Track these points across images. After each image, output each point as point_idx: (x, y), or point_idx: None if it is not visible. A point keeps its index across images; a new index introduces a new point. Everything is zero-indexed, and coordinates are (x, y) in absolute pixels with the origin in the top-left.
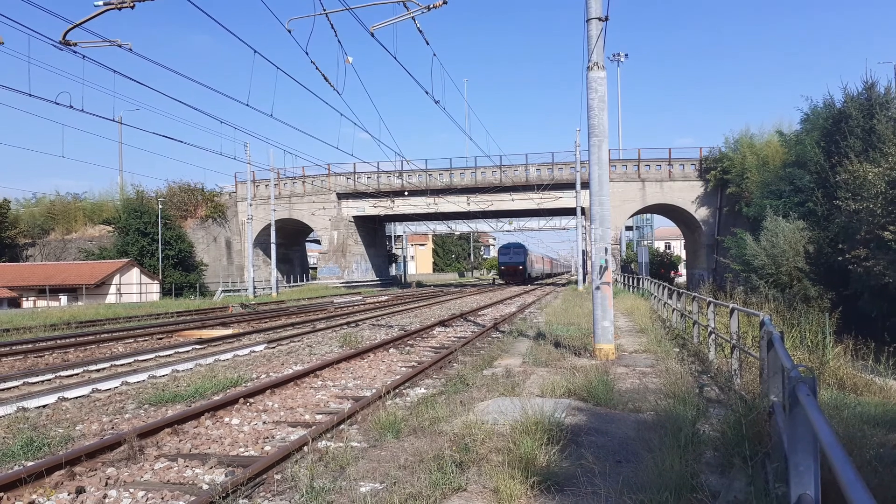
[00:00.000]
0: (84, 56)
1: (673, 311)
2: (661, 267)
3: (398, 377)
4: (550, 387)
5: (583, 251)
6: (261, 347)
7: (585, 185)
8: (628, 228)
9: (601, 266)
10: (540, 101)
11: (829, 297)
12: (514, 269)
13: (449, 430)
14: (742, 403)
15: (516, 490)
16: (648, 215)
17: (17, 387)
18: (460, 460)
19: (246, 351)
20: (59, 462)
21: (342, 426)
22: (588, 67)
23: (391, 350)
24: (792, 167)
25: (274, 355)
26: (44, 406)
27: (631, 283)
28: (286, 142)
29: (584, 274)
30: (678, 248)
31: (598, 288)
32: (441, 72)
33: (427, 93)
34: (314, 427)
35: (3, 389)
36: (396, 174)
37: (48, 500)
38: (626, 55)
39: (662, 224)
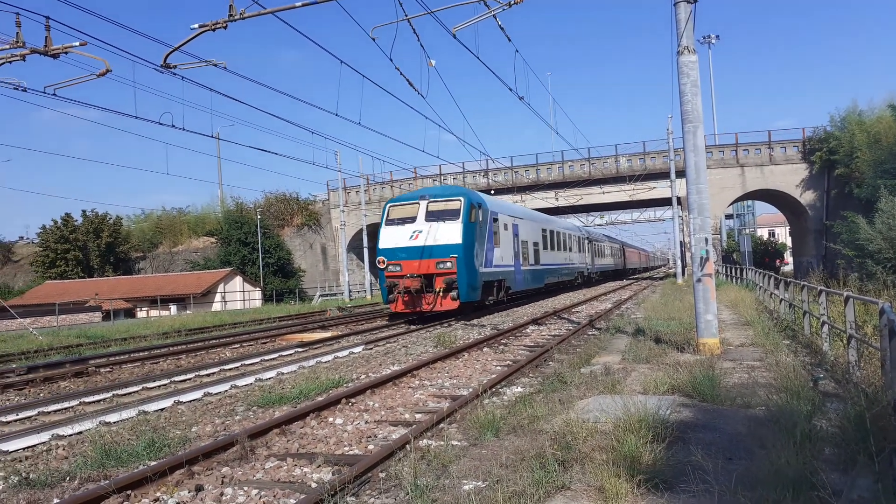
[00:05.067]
0: (183, 77)
1: (780, 302)
2: (766, 255)
3: (494, 376)
4: (653, 384)
5: (680, 242)
6: (359, 349)
7: (680, 174)
8: (728, 217)
9: (702, 257)
10: (628, 90)
11: None
12: (425, 270)
13: (549, 428)
14: (864, 397)
15: (622, 488)
16: (749, 202)
17: (137, 391)
18: (562, 458)
19: (345, 353)
20: (179, 461)
21: (442, 425)
22: (678, 52)
23: (485, 349)
24: None
25: (372, 356)
26: (161, 409)
27: (733, 274)
28: (374, 148)
29: (683, 266)
30: (783, 236)
31: (699, 280)
32: (524, 67)
33: (511, 90)
34: (415, 426)
35: (125, 394)
36: (482, 173)
37: (171, 496)
38: (718, 37)
39: (765, 210)
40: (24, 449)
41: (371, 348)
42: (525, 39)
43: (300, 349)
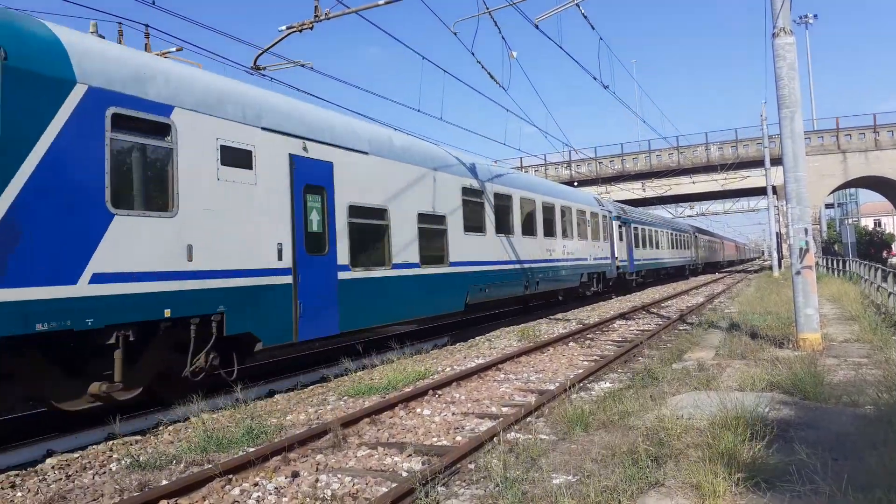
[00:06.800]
0: (272, 78)
1: (889, 296)
2: (871, 246)
3: (581, 371)
4: (749, 380)
5: (776, 233)
6: (443, 341)
7: (775, 162)
8: (829, 206)
9: (801, 249)
10: (718, 75)
11: None
12: None
13: (640, 424)
14: None
15: (719, 486)
16: (852, 190)
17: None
18: (655, 455)
19: (430, 344)
20: (276, 448)
21: (529, 418)
22: (773, 34)
23: (570, 344)
24: None
25: (456, 349)
26: (257, 398)
27: (834, 266)
28: (455, 141)
29: (780, 258)
30: (890, 225)
31: (798, 273)
32: (609, 56)
33: (595, 78)
34: (502, 419)
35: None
36: (564, 165)
37: (270, 482)
38: (815, 16)
39: (869, 199)
40: (133, 433)
41: (455, 341)
42: (609, 26)
43: None
